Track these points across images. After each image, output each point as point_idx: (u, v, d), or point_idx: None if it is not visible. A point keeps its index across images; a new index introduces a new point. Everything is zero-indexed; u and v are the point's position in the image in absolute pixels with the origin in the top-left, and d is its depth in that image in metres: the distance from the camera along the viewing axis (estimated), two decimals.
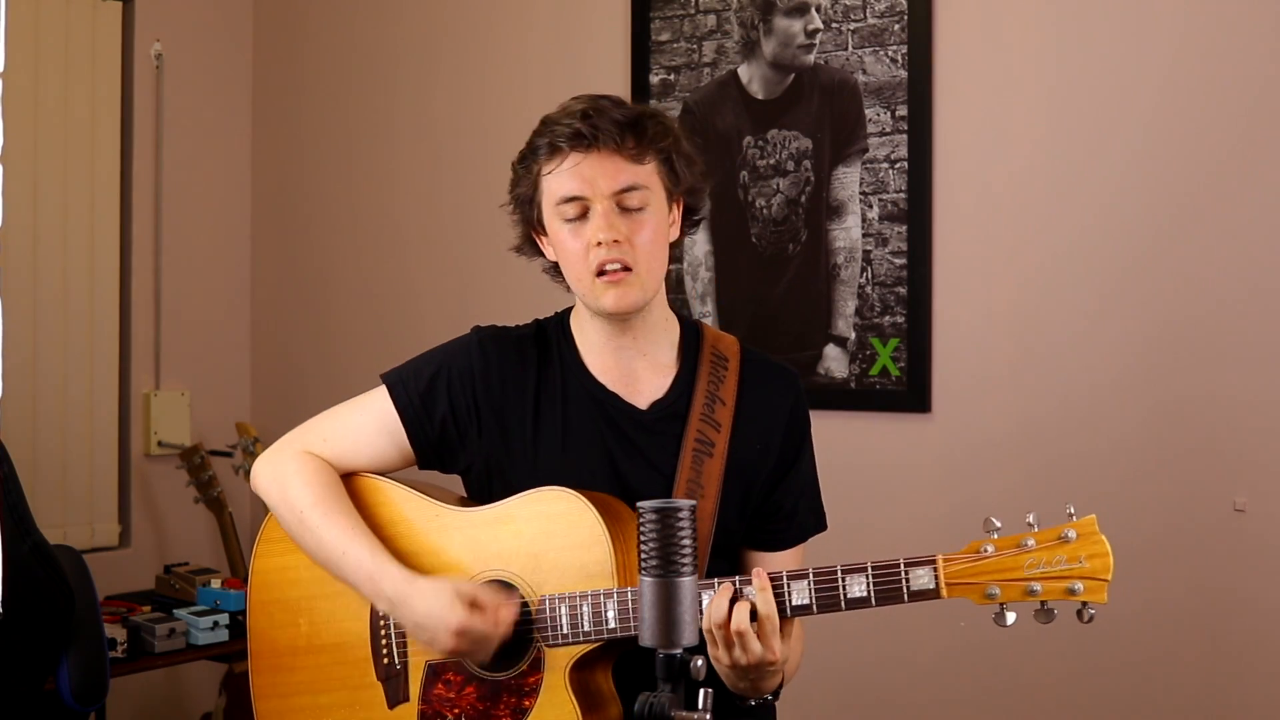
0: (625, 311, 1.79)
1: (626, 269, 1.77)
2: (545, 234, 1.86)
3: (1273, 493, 2.68)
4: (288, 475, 1.88)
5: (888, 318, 3.05)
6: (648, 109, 1.84)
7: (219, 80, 4.00)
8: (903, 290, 3.03)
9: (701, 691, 1.32)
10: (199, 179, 3.93)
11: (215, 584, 3.32)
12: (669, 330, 1.90)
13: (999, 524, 1.62)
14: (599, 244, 1.76)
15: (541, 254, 1.90)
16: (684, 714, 1.30)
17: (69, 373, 3.64)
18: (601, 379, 1.87)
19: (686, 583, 1.31)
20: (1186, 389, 2.76)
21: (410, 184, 3.78)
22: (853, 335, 3.08)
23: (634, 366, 1.87)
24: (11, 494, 2.48)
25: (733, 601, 1.64)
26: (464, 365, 1.88)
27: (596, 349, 1.87)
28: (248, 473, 3.52)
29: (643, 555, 1.31)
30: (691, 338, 1.91)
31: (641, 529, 1.32)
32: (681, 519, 1.31)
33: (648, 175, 1.79)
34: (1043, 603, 1.59)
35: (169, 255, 3.84)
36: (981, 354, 2.97)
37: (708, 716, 1.31)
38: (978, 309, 2.98)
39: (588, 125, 1.75)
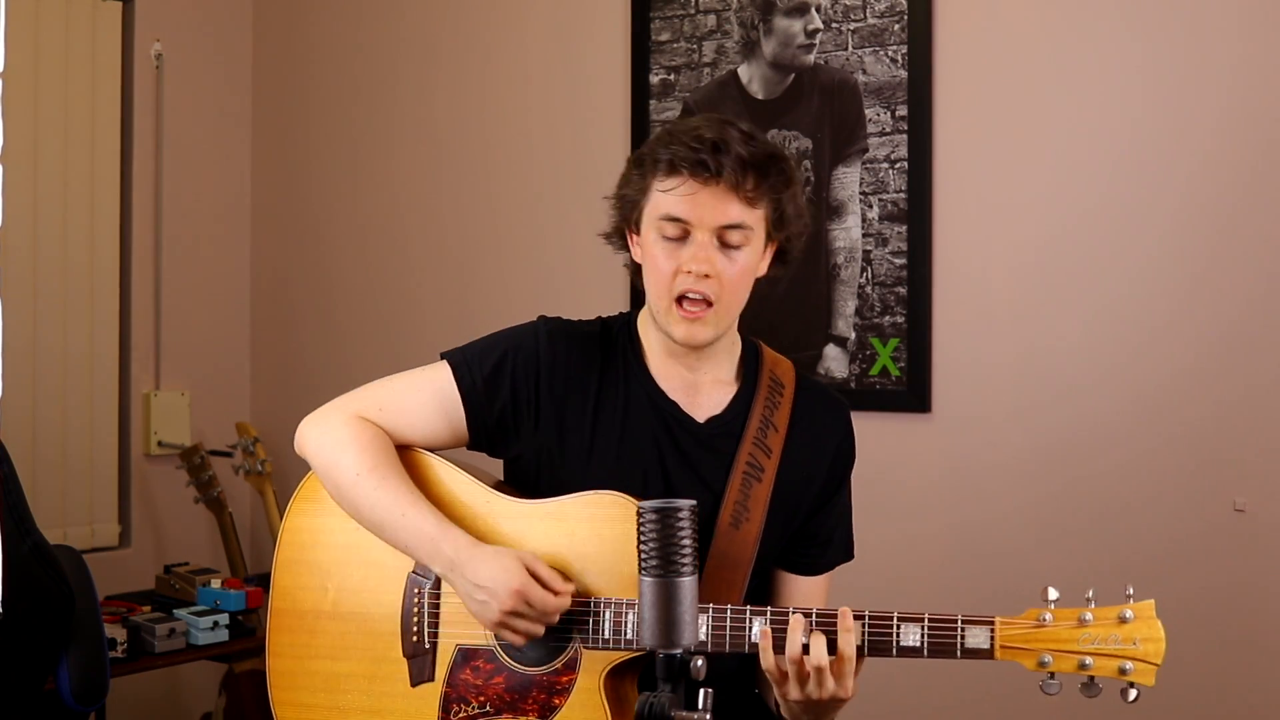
0: (696, 346, 1.81)
1: (708, 303, 1.77)
2: (639, 235, 1.85)
3: (1273, 493, 2.68)
4: (342, 439, 1.85)
5: (888, 318, 3.05)
6: (777, 150, 1.81)
7: (219, 80, 4.00)
8: (903, 290, 3.03)
9: (701, 691, 1.32)
10: (199, 179, 3.93)
11: (215, 584, 3.31)
12: (732, 350, 1.92)
13: (1056, 595, 1.62)
14: (688, 272, 1.76)
15: (628, 250, 1.90)
16: (684, 714, 1.30)
17: (69, 373, 3.65)
18: (663, 385, 1.87)
19: (687, 583, 1.31)
20: (1186, 388, 2.76)
21: (410, 183, 3.78)
22: (853, 335, 3.08)
23: (696, 378, 1.88)
24: (11, 494, 2.48)
25: (808, 635, 1.64)
26: (530, 352, 1.87)
27: (662, 356, 1.88)
28: (248, 472, 3.54)
29: (642, 555, 1.32)
30: (752, 358, 1.93)
31: (641, 529, 1.32)
32: (682, 519, 1.31)
33: (756, 218, 1.79)
34: (1091, 678, 1.60)
35: (169, 255, 3.85)
36: (981, 354, 2.97)
37: (708, 716, 1.31)
38: (978, 309, 2.98)
39: (714, 159, 1.74)
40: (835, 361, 3.10)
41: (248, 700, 3.34)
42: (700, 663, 1.32)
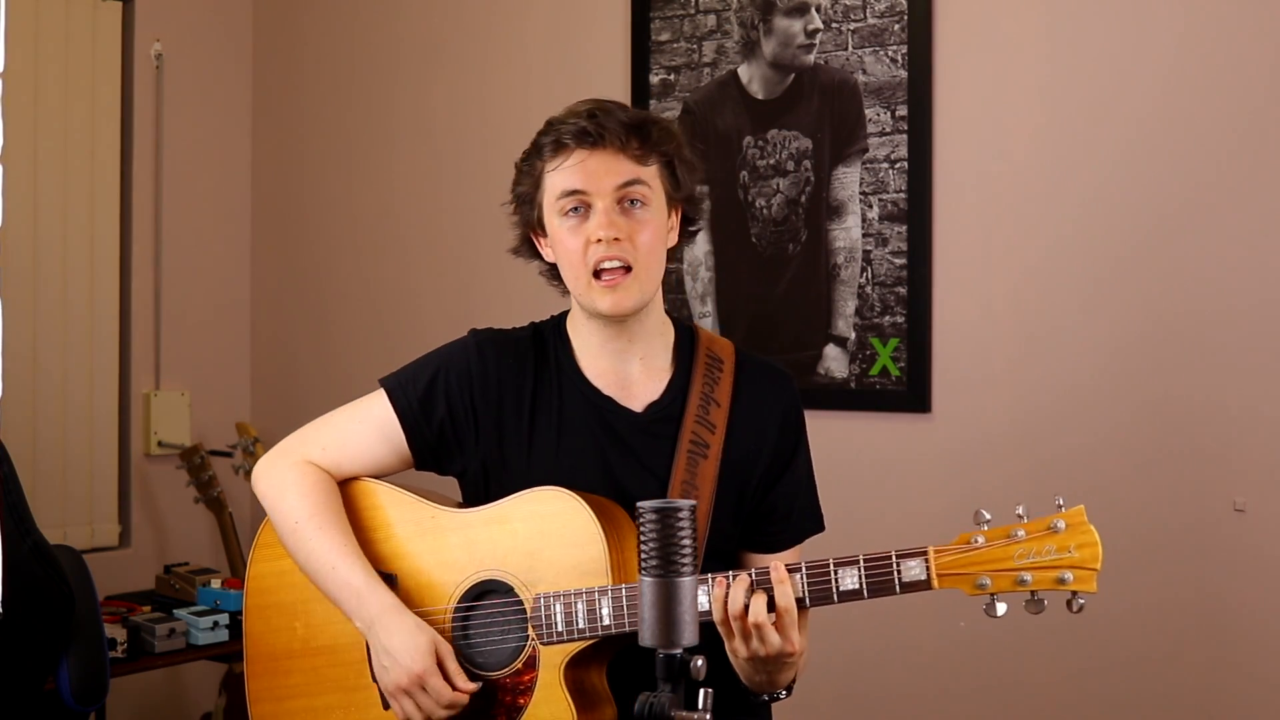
0: (623, 314, 1.80)
1: (626, 269, 1.77)
2: (544, 235, 1.86)
3: (1273, 493, 2.68)
4: (286, 485, 1.89)
5: (888, 318, 3.05)
6: (651, 114, 1.86)
7: (219, 80, 4.00)
8: (903, 290, 3.03)
9: (701, 691, 1.32)
10: (199, 179, 3.93)
11: (215, 584, 3.32)
12: (664, 334, 1.91)
13: (989, 516, 1.64)
14: (598, 241, 1.76)
15: (539, 256, 1.90)
16: (684, 714, 1.30)
17: (69, 373, 3.64)
18: (597, 383, 1.88)
19: (686, 583, 1.31)
20: (1186, 389, 2.76)
21: (410, 184, 3.78)
22: (853, 335, 3.08)
23: (629, 370, 1.88)
24: (11, 494, 2.48)
25: (750, 594, 1.65)
26: (462, 368, 1.89)
27: (592, 352, 1.88)
28: (248, 473, 3.54)
29: (643, 555, 1.31)
30: (686, 341, 1.92)
31: (641, 529, 1.32)
32: (681, 519, 1.31)
33: (650, 175, 1.81)
34: (1033, 593, 1.61)
35: (169, 255, 3.85)
36: (981, 354, 2.97)
37: (708, 716, 1.31)
38: (978, 309, 2.98)
39: (594, 124, 1.77)
40: (835, 361, 3.10)
41: (246, 702, 3.34)
42: (700, 663, 1.32)
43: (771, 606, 1.65)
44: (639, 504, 1.32)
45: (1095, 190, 2.85)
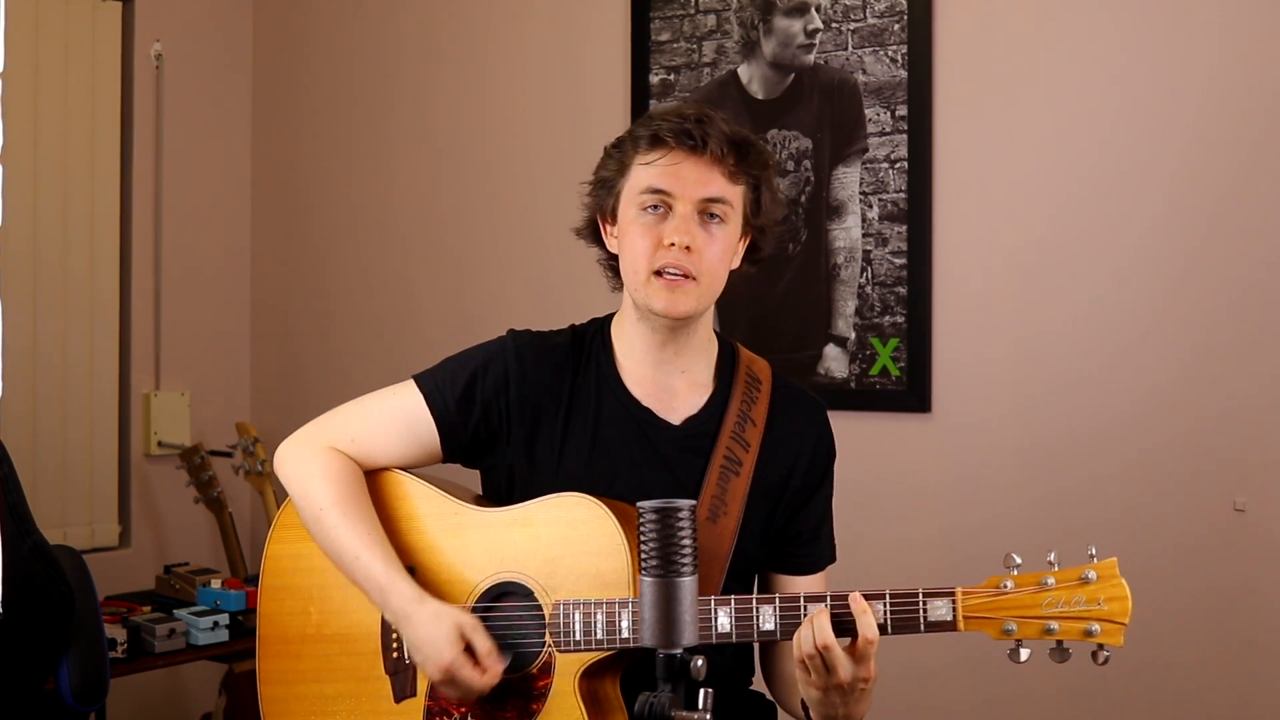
0: (675, 316, 1.79)
1: (688, 277, 1.77)
2: (614, 223, 1.85)
3: (1273, 493, 2.68)
4: (311, 470, 1.88)
5: (888, 318, 3.05)
6: (752, 135, 1.84)
7: (219, 80, 4.00)
8: (903, 290, 3.03)
9: (701, 691, 1.32)
10: (199, 179, 3.93)
11: (215, 584, 3.31)
12: (709, 350, 1.91)
13: (1019, 560, 1.61)
14: (670, 245, 1.76)
15: (600, 243, 1.90)
16: (684, 714, 1.30)
17: (69, 373, 3.65)
18: (636, 391, 1.87)
19: (686, 583, 1.31)
20: (1187, 389, 2.76)
21: (410, 184, 3.78)
22: (853, 335, 3.08)
23: (671, 382, 1.88)
24: (11, 494, 2.48)
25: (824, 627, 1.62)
26: (499, 370, 1.87)
27: (636, 359, 1.87)
28: (248, 472, 3.54)
29: (643, 555, 1.31)
30: (728, 358, 1.93)
31: (641, 529, 1.32)
32: (681, 519, 1.31)
33: (735, 195, 1.80)
34: (1059, 642, 1.59)
35: (169, 255, 3.85)
36: (981, 354, 2.97)
37: (708, 716, 1.31)
38: (978, 309, 2.98)
39: (699, 129, 1.76)
40: (835, 361, 3.10)
41: (248, 700, 3.34)
42: (700, 663, 1.32)
43: (841, 631, 1.63)
44: (639, 504, 1.32)
45: (1095, 189, 2.85)
